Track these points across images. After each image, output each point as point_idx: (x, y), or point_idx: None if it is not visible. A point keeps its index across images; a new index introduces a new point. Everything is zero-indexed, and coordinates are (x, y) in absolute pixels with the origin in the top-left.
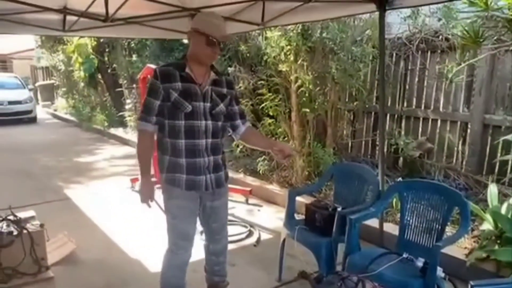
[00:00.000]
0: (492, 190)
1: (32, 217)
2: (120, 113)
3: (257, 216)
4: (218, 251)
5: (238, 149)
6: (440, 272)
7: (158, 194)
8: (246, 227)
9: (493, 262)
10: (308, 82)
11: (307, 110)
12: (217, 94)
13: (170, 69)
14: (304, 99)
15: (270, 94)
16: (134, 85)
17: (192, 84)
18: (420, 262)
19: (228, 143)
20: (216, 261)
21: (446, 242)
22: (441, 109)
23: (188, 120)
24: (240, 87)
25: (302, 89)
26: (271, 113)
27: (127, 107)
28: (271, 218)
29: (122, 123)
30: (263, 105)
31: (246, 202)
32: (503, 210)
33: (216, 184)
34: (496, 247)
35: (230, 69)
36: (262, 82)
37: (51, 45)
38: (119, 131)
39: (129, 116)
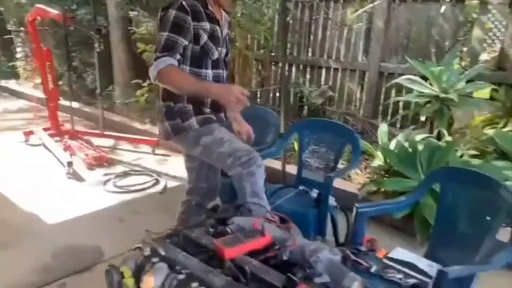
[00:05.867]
0: (382, 129)
1: None
2: (11, 63)
3: (165, 165)
4: None
5: (143, 98)
6: (332, 201)
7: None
8: (152, 176)
9: (382, 193)
10: None
11: None
12: (229, 37)
13: (197, 4)
14: None
15: None
16: (22, 29)
17: (216, 25)
18: (314, 193)
19: (131, 92)
20: None
21: (338, 173)
22: (342, 58)
23: (214, 69)
24: (142, 32)
25: None
26: None
27: (18, 56)
28: (179, 167)
29: (14, 74)
30: None
31: (153, 152)
32: (392, 146)
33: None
34: (385, 180)
35: (132, 13)
36: None
37: None
38: (11, 83)
39: (21, 66)
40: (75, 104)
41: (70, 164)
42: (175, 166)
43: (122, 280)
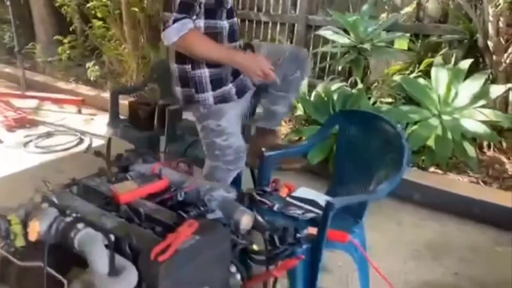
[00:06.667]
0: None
1: None
2: None
3: (91, 125)
4: None
5: (65, 55)
6: None
7: None
8: (75, 135)
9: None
10: None
11: (136, 9)
12: None
13: None
14: None
15: None
16: None
17: None
18: None
19: (54, 49)
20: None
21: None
22: (271, 12)
23: (229, 19)
24: None
25: None
26: (99, 15)
27: None
28: (105, 125)
29: None
30: (89, 5)
31: (79, 112)
32: (312, 98)
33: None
34: (304, 128)
35: None
36: None
37: None
38: None
39: None
40: None
41: None
42: (102, 125)
43: (10, 228)
